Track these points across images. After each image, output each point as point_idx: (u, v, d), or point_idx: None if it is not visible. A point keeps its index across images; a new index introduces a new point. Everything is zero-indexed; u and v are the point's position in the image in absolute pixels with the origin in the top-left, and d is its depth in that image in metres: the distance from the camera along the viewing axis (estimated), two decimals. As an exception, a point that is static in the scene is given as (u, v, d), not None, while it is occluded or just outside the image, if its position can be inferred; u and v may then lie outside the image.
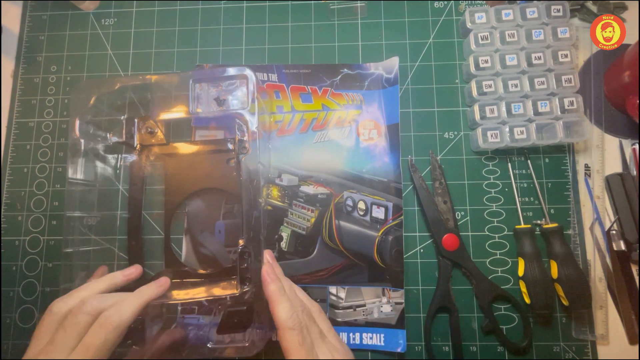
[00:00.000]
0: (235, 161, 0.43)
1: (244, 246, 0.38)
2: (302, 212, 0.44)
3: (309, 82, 0.47)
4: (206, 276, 0.42)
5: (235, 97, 0.41)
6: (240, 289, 0.37)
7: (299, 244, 0.43)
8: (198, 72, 0.42)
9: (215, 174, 0.44)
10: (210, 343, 0.39)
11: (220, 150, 0.44)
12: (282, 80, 0.47)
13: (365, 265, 0.43)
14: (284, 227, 0.44)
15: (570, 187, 0.45)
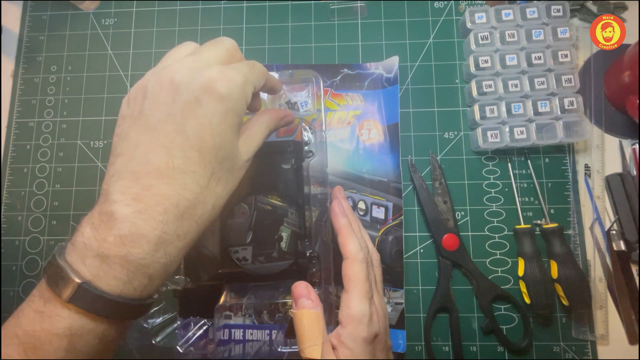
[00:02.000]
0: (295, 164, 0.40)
1: (312, 251, 0.37)
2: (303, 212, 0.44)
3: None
4: (266, 278, 0.40)
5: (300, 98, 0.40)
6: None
7: (299, 244, 0.43)
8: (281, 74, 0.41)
9: (276, 177, 0.41)
10: (280, 347, 0.38)
11: (280, 151, 0.41)
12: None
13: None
14: (284, 227, 0.44)
15: (570, 187, 0.45)
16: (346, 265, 0.33)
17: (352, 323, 0.30)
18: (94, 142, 0.49)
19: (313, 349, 0.30)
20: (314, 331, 0.30)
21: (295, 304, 0.32)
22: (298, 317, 0.31)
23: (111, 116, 0.49)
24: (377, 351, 0.31)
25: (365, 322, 0.31)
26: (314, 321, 0.31)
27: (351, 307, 0.31)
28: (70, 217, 0.47)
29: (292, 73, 0.39)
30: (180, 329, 0.40)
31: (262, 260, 0.42)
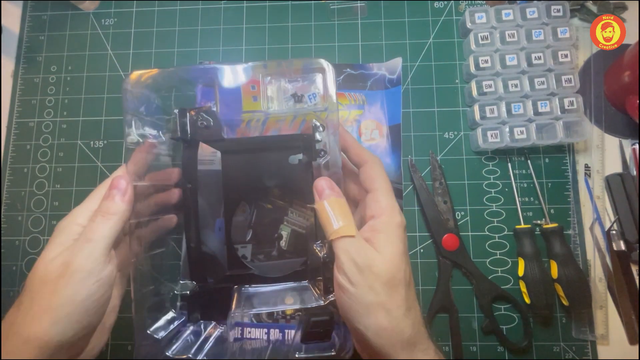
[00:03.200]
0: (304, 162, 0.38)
1: (326, 255, 0.35)
2: (302, 210, 0.44)
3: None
4: (276, 280, 0.39)
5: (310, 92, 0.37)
6: (326, 299, 0.35)
7: (299, 243, 0.43)
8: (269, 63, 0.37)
9: (283, 174, 0.39)
10: (297, 353, 0.37)
11: (289, 146, 0.39)
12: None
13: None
14: (284, 226, 0.44)
15: (570, 187, 0.45)
16: (366, 168, 0.33)
17: (384, 212, 0.31)
18: (94, 142, 0.49)
19: (346, 227, 0.29)
20: (344, 213, 0.30)
21: (319, 197, 0.31)
22: (324, 206, 0.31)
23: (111, 116, 0.49)
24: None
25: (397, 210, 0.31)
26: (342, 205, 0.31)
27: (380, 200, 0.31)
28: (70, 217, 0.47)
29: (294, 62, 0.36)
30: (191, 336, 0.38)
31: (261, 259, 0.42)
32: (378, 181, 0.32)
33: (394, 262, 0.29)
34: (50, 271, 0.28)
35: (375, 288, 0.28)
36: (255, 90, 0.43)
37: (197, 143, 0.39)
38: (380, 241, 0.29)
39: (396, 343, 0.28)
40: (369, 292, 0.28)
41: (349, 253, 0.29)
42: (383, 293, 0.28)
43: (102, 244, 0.29)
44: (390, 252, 0.29)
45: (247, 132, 0.41)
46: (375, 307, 0.28)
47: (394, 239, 0.30)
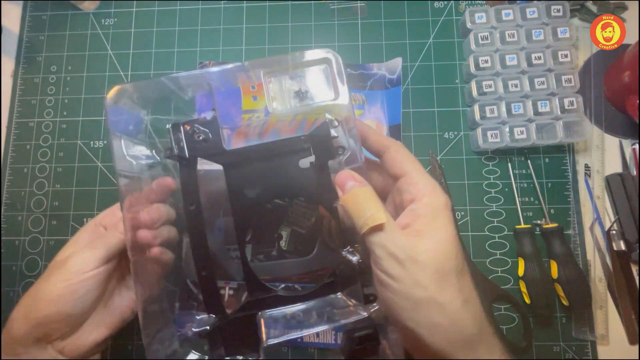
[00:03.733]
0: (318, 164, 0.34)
1: (360, 259, 0.32)
2: (303, 211, 0.44)
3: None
4: (304, 298, 0.34)
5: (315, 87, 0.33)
6: (368, 310, 0.32)
7: (299, 243, 0.43)
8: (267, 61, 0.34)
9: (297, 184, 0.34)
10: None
11: (293, 150, 0.35)
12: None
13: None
14: (284, 225, 0.44)
15: (570, 187, 0.45)
16: (391, 154, 0.30)
17: (425, 193, 0.28)
18: (94, 142, 0.49)
19: (375, 215, 0.26)
20: (372, 201, 0.28)
21: (343, 191, 0.29)
22: (350, 198, 0.28)
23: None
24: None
25: (439, 189, 0.28)
26: (369, 194, 0.28)
27: (417, 181, 0.28)
28: (70, 217, 0.47)
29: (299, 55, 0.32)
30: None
31: (261, 259, 0.42)
32: (408, 163, 0.29)
33: (442, 249, 0.26)
34: (56, 261, 0.34)
35: (422, 281, 0.25)
36: (255, 90, 0.43)
37: (195, 160, 0.35)
38: (424, 226, 0.27)
39: (455, 341, 0.25)
40: (416, 286, 0.25)
41: (384, 246, 0.26)
42: (432, 286, 0.25)
43: (100, 254, 0.33)
44: (436, 237, 0.26)
45: (248, 132, 0.41)
46: (426, 303, 0.25)
47: (439, 222, 0.27)
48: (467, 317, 0.25)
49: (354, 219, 0.28)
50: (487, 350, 0.25)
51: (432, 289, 0.25)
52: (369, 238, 0.27)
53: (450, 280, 0.25)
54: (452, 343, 0.25)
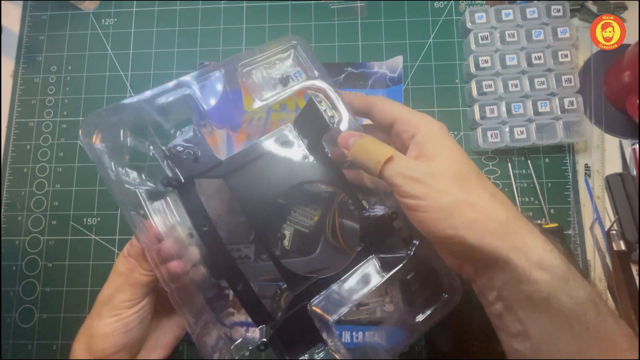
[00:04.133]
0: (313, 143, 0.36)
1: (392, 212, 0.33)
2: (305, 210, 0.44)
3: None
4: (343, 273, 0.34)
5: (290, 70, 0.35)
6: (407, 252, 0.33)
7: (302, 243, 0.43)
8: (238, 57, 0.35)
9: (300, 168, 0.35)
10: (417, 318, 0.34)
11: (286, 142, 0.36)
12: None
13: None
14: (287, 225, 0.44)
15: (570, 187, 0.45)
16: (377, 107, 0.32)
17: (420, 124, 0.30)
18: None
19: (384, 150, 0.28)
20: (376, 144, 0.29)
21: (347, 149, 0.31)
22: (356, 151, 0.30)
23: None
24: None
25: (431, 118, 0.30)
26: (371, 140, 0.30)
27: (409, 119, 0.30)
28: (70, 217, 0.47)
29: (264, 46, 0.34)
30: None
31: (264, 259, 0.41)
32: (396, 109, 0.31)
33: (454, 158, 0.28)
34: (101, 299, 0.36)
35: (447, 189, 0.27)
36: (255, 90, 0.43)
37: (193, 181, 0.33)
38: (430, 149, 0.28)
39: (495, 230, 0.26)
40: (443, 195, 0.27)
41: (402, 174, 0.28)
42: (457, 190, 0.27)
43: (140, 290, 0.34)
44: (445, 152, 0.28)
45: (250, 130, 0.41)
46: (457, 205, 0.26)
47: (442, 140, 0.29)
48: (498, 207, 0.27)
49: (366, 166, 0.29)
50: (528, 232, 0.27)
51: (458, 192, 0.27)
52: (385, 173, 0.28)
53: (472, 181, 0.27)
54: (493, 232, 0.26)
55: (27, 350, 0.45)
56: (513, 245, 0.26)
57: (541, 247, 0.27)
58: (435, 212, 0.27)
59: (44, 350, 0.45)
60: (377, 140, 0.30)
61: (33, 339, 0.45)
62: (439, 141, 0.29)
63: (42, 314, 0.45)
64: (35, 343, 0.45)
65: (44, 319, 0.45)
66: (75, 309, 0.45)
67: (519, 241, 0.26)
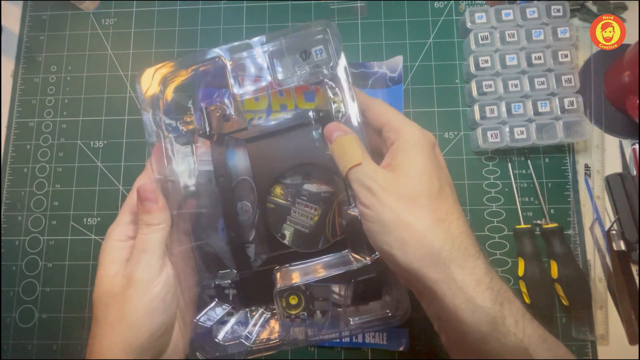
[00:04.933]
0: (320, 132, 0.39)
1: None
2: (306, 210, 0.44)
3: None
4: (317, 254, 0.40)
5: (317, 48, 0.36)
6: (372, 258, 0.35)
7: (302, 242, 0.43)
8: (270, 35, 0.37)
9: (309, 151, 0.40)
10: (352, 319, 0.37)
11: (304, 123, 0.40)
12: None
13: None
14: (287, 225, 0.44)
15: (570, 187, 0.45)
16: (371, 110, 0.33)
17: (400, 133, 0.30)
18: (94, 142, 0.49)
19: (353, 157, 0.29)
20: (353, 146, 0.30)
21: (329, 141, 0.32)
22: (335, 146, 0.31)
23: (111, 116, 0.49)
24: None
25: (415, 128, 0.30)
26: (351, 141, 0.31)
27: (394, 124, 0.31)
28: (70, 217, 0.47)
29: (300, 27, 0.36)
30: (238, 325, 0.39)
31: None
32: (386, 114, 0.32)
33: (414, 176, 0.28)
34: (116, 285, 0.30)
35: (390, 205, 0.27)
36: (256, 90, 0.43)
37: (223, 137, 0.40)
38: (399, 160, 0.29)
39: (424, 257, 0.26)
40: (385, 210, 0.27)
41: (359, 180, 0.28)
42: (401, 209, 0.27)
43: (156, 253, 0.31)
44: (407, 166, 0.28)
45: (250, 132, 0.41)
46: (395, 223, 0.27)
47: (413, 154, 0.29)
48: (437, 235, 0.26)
49: (338, 164, 0.30)
50: (461, 267, 0.26)
51: (401, 211, 0.27)
52: (348, 176, 0.29)
53: (420, 202, 0.27)
54: (422, 259, 0.26)
55: (27, 350, 0.45)
56: (439, 278, 0.25)
57: (472, 286, 0.25)
58: (377, 225, 0.27)
59: (44, 350, 0.45)
60: (357, 142, 0.31)
61: (33, 339, 0.45)
62: (410, 154, 0.29)
63: (42, 314, 0.45)
64: (35, 343, 0.45)
65: (44, 319, 0.45)
66: (75, 309, 0.45)
67: (446, 275, 0.25)
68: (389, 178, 0.28)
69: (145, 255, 0.31)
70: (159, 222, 0.32)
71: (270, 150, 0.40)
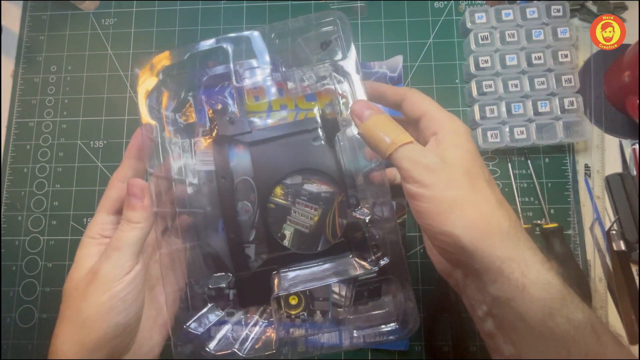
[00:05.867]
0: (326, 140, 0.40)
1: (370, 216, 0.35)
2: (306, 210, 0.44)
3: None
4: (317, 256, 0.39)
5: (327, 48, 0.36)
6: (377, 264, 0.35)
7: (302, 242, 0.43)
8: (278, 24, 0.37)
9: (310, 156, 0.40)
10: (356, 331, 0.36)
11: (307, 130, 0.41)
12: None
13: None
14: (287, 225, 0.44)
15: (570, 187, 0.45)
16: (408, 100, 0.32)
17: (444, 123, 0.29)
18: (94, 142, 0.49)
19: (401, 136, 0.28)
20: (392, 126, 0.29)
21: (361, 120, 0.29)
22: (370, 125, 0.29)
23: (111, 116, 0.49)
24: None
25: (458, 120, 0.30)
26: (388, 120, 0.29)
27: (435, 116, 0.30)
28: (70, 217, 0.47)
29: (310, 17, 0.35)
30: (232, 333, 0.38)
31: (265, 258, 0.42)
32: (425, 103, 0.31)
33: (466, 159, 0.27)
34: (81, 279, 0.30)
35: (454, 181, 0.26)
36: (256, 90, 0.43)
37: (225, 138, 0.41)
38: (447, 147, 0.28)
39: (494, 234, 0.25)
40: (449, 187, 0.26)
41: (412, 158, 0.27)
42: (465, 186, 0.26)
43: (128, 251, 0.30)
44: (459, 151, 0.27)
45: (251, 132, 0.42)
46: (461, 201, 0.25)
47: (460, 141, 0.28)
48: (502, 214, 0.26)
49: (377, 143, 0.28)
50: (528, 247, 0.25)
51: (466, 189, 0.26)
52: (396, 154, 0.27)
53: (481, 183, 0.27)
54: (490, 237, 0.25)
55: (27, 350, 0.45)
56: (509, 256, 0.25)
57: (539, 264, 0.25)
58: (436, 204, 0.26)
59: (44, 350, 0.45)
60: (394, 122, 0.29)
61: (33, 339, 0.45)
62: (458, 140, 0.28)
63: (42, 314, 0.45)
64: (35, 343, 0.45)
65: (44, 319, 0.45)
66: (75, 309, 0.45)
67: (516, 253, 0.25)
68: (445, 155, 0.27)
69: (116, 253, 0.30)
70: (139, 221, 0.31)
71: (273, 155, 0.41)
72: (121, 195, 0.32)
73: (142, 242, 0.31)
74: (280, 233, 0.43)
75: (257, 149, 0.41)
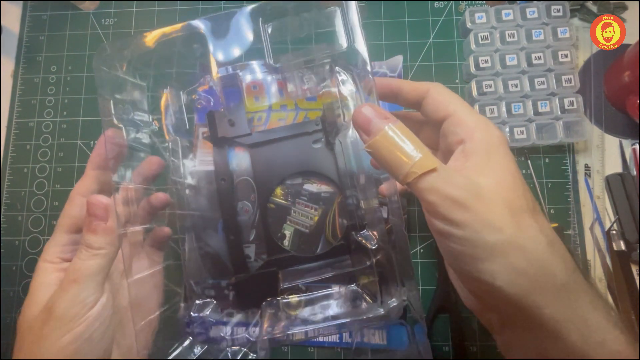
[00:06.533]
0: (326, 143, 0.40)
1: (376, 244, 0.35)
2: (306, 210, 0.44)
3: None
4: (317, 258, 0.40)
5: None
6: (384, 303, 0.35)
7: (302, 242, 0.43)
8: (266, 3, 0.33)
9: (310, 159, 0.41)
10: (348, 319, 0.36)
11: (307, 132, 0.41)
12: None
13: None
14: (287, 225, 0.44)
15: (570, 187, 0.45)
16: (432, 96, 0.26)
17: (475, 130, 0.23)
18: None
19: (423, 159, 0.22)
20: (411, 141, 0.22)
21: (368, 133, 0.24)
22: (381, 142, 0.23)
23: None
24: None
25: (492, 125, 0.24)
26: (403, 133, 0.23)
27: (465, 119, 0.24)
28: (70, 217, 0.47)
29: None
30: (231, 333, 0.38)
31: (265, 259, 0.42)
32: (452, 102, 0.25)
33: (507, 184, 0.22)
34: (34, 317, 0.26)
35: (494, 220, 0.21)
36: (256, 90, 0.43)
37: (225, 141, 0.41)
38: (479, 165, 0.22)
39: (546, 286, 0.20)
40: (487, 228, 0.20)
41: (439, 190, 0.21)
42: (507, 225, 0.21)
43: (89, 284, 0.25)
44: (497, 173, 0.22)
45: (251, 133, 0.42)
46: (503, 247, 0.20)
47: (497, 158, 0.23)
48: (557, 261, 0.21)
49: (391, 166, 0.23)
50: (589, 301, 0.21)
51: (508, 229, 0.21)
52: (417, 185, 0.22)
53: (526, 219, 0.22)
54: (543, 292, 0.20)
55: (27, 350, 0.45)
56: (565, 316, 0.20)
57: (604, 325, 0.21)
58: (472, 249, 0.21)
59: (44, 350, 0.45)
60: (411, 134, 0.23)
61: (33, 339, 0.45)
62: (495, 156, 0.23)
63: (42, 314, 0.45)
64: (35, 343, 0.45)
65: (44, 319, 0.45)
66: (75, 309, 0.45)
67: (573, 312, 0.20)
68: (481, 184, 0.22)
69: (74, 287, 0.25)
70: (101, 247, 0.26)
71: (274, 157, 0.41)
72: (83, 212, 0.27)
73: (106, 271, 0.26)
74: (280, 233, 0.43)
75: (257, 151, 0.41)
